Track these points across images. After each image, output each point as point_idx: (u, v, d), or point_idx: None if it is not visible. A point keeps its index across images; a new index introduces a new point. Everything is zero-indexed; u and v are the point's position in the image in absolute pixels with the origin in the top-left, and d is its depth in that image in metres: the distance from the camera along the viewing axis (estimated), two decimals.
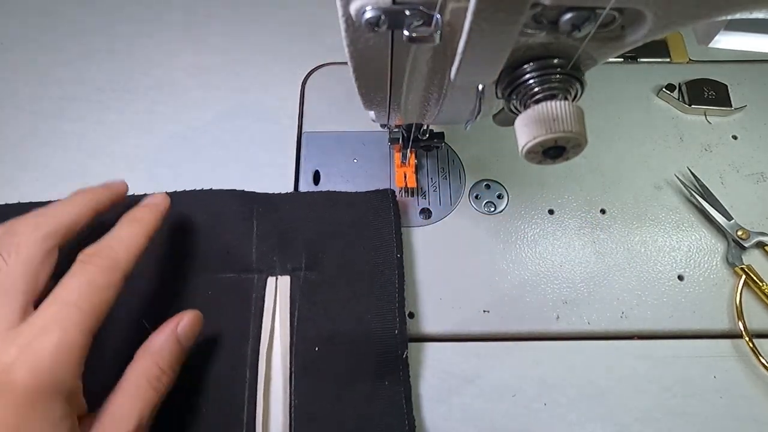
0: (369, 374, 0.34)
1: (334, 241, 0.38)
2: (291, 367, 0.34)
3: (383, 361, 0.34)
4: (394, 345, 0.35)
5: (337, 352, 0.35)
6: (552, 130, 0.21)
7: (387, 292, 0.36)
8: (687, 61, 0.49)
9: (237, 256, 0.37)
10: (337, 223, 0.39)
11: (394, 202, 0.40)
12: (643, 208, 0.42)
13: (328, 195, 0.40)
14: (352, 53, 0.24)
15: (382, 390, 0.34)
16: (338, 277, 0.37)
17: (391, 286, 0.36)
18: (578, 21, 0.20)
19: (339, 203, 0.40)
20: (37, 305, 0.27)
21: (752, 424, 0.35)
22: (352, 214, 0.39)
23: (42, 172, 0.43)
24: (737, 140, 0.45)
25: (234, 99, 0.47)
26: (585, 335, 0.38)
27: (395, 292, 0.36)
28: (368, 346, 0.35)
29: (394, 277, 0.37)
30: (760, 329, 0.37)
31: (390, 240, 0.38)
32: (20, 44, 0.50)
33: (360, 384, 0.34)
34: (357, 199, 0.40)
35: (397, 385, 0.34)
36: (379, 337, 0.35)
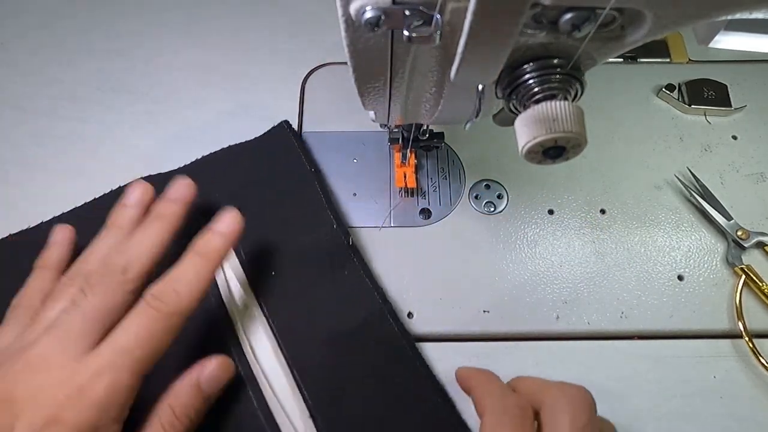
0: (326, 271, 0.38)
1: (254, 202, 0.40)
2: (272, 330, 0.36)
3: (335, 255, 0.38)
4: (339, 238, 0.38)
5: (295, 272, 0.38)
6: (552, 130, 0.21)
7: (313, 203, 0.40)
8: (687, 61, 0.49)
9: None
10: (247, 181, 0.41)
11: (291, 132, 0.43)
12: (643, 208, 0.42)
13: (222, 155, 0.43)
14: (352, 53, 0.24)
15: (342, 278, 0.37)
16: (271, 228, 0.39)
17: (315, 197, 0.40)
18: (578, 21, 0.20)
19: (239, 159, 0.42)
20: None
21: (752, 424, 0.35)
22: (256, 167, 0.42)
23: (42, 172, 0.43)
24: (737, 140, 0.45)
25: (234, 99, 0.47)
26: (585, 335, 0.38)
27: (321, 200, 0.40)
28: (318, 252, 0.38)
29: (316, 193, 0.40)
30: (760, 329, 0.37)
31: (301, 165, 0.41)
32: (20, 44, 0.50)
33: (321, 278, 0.37)
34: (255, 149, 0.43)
35: (355, 270, 0.38)
36: (326, 244, 0.38)
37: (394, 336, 0.35)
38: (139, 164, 0.44)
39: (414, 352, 0.35)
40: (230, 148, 0.43)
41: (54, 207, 0.42)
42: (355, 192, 0.43)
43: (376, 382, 0.34)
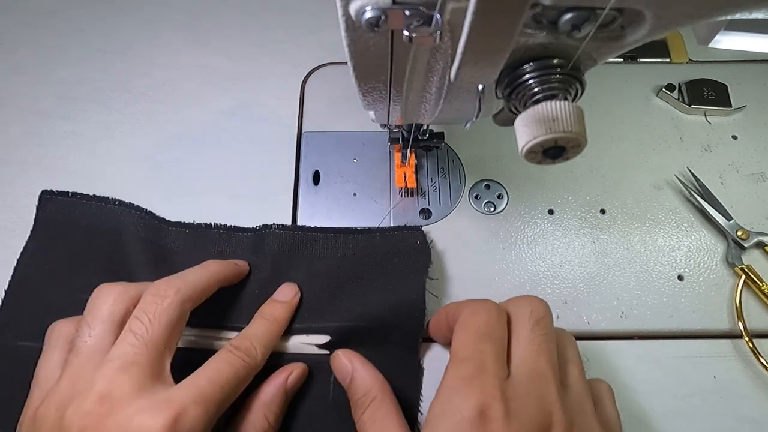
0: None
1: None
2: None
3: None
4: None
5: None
6: (552, 130, 0.21)
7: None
8: (687, 61, 0.49)
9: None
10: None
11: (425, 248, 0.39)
12: (643, 208, 0.42)
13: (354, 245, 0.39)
14: (352, 53, 0.24)
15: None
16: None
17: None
18: (578, 21, 0.20)
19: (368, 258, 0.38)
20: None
21: (752, 424, 0.35)
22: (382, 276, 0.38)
23: (42, 172, 0.43)
24: (737, 140, 0.45)
25: (234, 99, 0.47)
26: (585, 335, 0.38)
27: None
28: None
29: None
30: (760, 329, 0.37)
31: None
32: (20, 44, 0.50)
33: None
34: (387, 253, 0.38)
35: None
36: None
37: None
38: (140, 164, 0.44)
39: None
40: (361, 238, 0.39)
41: None
42: (355, 192, 0.43)
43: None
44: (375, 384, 0.30)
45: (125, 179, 0.43)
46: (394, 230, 0.39)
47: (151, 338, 0.27)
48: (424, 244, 0.38)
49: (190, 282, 0.31)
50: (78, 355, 0.27)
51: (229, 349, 0.30)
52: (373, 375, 0.31)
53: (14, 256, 0.38)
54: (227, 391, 0.27)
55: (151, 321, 0.28)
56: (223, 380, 0.27)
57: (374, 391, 0.30)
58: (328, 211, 0.42)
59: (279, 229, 0.39)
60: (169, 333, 0.28)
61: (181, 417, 0.25)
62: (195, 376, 0.27)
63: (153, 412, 0.25)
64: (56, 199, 0.40)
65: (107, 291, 0.30)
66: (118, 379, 0.26)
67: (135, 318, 0.28)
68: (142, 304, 0.29)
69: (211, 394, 0.27)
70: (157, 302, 0.29)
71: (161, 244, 0.39)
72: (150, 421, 0.24)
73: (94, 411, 0.25)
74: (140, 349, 0.27)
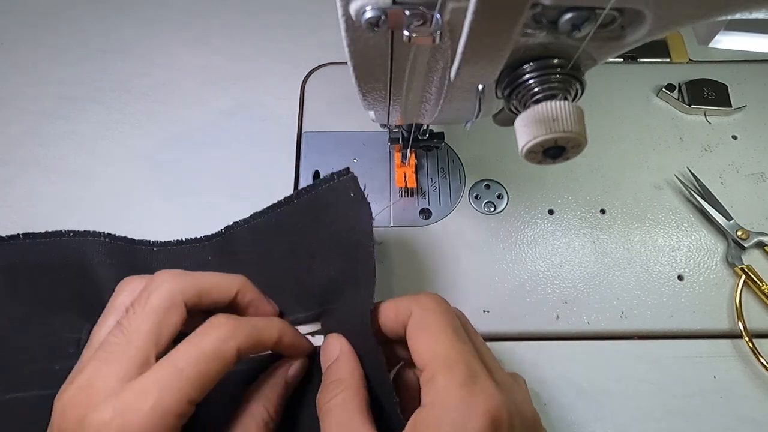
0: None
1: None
2: None
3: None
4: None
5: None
6: (552, 130, 0.21)
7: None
8: (687, 61, 0.49)
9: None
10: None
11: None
12: (643, 208, 0.42)
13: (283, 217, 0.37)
14: (352, 53, 0.24)
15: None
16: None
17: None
18: (578, 21, 0.20)
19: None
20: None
21: (752, 424, 0.35)
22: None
23: (42, 173, 0.43)
24: (737, 140, 0.45)
25: (234, 99, 0.47)
26: (585, 335, 0.38)
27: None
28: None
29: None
30: (760, 329, 0.37)
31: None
32: (20, 44, 0.50)
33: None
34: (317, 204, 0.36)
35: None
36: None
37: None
38: (140, 164, 0.44)
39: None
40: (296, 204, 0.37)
41: (54, 207, 0.42)
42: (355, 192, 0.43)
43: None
44: (352, 375, 0.29)
45: (125, 179, 0.43)
46: (324, 182, 0.36)
47: (132, 329, 0.27)
48: (359, 194, 0.34)
49: (195, 277, 0.30)
50: (89, 344, 0.28)
51: (208, 320, 0.28)
52: (352, 365, 0.29)
53: None
54: (190, 374, 0.26)
55: (135, 311, 0.27)
56: (184, 361, 0.26)
57: (348, 381, 0.28)
58: None
59: (239, 225, 0.38)
60: (153, 323, 0.27)
61: (129, 411, 0.24)
62: (157, 364, 0.26)
63: (105, 407, 0.24)
64: (9, 244, 0.38)
65: (126, 282, 0.30)
66: (97, 370, 0.26)
67: (126, 310, 0.28)
68: (139, 294, 0.28)
69: (167, 380, 0.25)
70: (149, 290, 0.28)
71: (131, 265, 0.38)
72: (99, 417, 0.24)
73: (69, 404, 0.25)
74: (120, 340, 0.26)
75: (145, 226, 0.40)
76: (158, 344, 0.27)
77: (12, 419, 0.30)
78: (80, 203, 0.42)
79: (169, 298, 0.28)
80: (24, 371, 0.32)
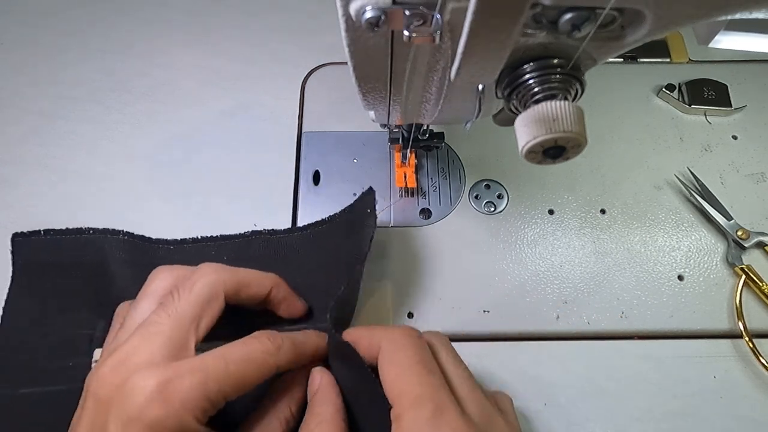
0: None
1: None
2: None
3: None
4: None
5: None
6: (552, 130, 0.21)
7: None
8: (687, 61, 0.49)
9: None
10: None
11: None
12: (643, 208, 0.42)
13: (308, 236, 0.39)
14: (352, 53, 0.24)
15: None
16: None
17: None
18: (578, 21, 0.20)
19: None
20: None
21: (752, 424, 0.35)
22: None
23: (42, 172, 0.43)
24: (737, 140, 0.45)
25: (234, 99, 0.47)
26: (585, 335, 0.38)
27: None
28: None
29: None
30: (760, 329, 0.37)
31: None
32: (20, 44, 0.50)
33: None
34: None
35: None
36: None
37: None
38: (140, 164, 0.44)
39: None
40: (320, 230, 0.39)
41: (54, 207, 0.42)
42: (355, 192, 0.43)
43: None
44: (331, 408, 0.29)
45: (125, 179, 0.43)
46: (359, 201, 0.38)
47: (178, 313, 0.27)
48: (373, 211, 0.37)
49: (235, 271, 0.31)
50: (124, 326, 0.29)
51: (255, 333, 0.29)
52: (332, 399, 0.30)
53: None
54: (232, 371, 0.26)
55: (180, 296, 0.28)
56: (231, 358, 0.27)
57: (325, 413, 0.29)
58: (328, 211, 0.41)
59: (268, 233, 0.39)
60: (197, 310, 0.28)
61: (174, 381, 0.25)
62: (206, 352, 0.27)
63: (149, 373, 0.25)
64: (30, 241, 0.38)
65: (160, 270, 0.31)
66: (138, 346, 0.26)
67: (169, 293, 0.29)
68: (182, 281, 0.29)
69: (214, 368, 0.26)
70: (193, 279, 0.29)
71: (146, 264, 0.37)
72: (143, 382, 0.24)
73: (108, 373, 0.26)
74: (165, 321, 0.27)
75: (145, 226, 0.40)
76: (198, 331, 0.28)
77: (26, 414, 0.30)
78: (80, 203, 0.42)
79: (213, 288, 0.29)
80: (38, 367, 0.33)
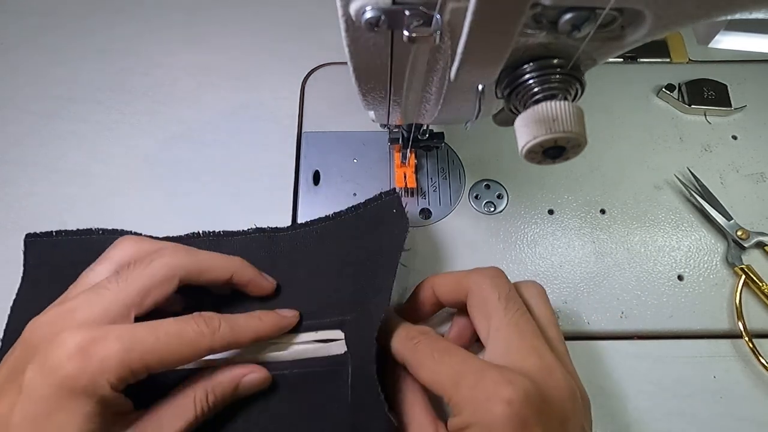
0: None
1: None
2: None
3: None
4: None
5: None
6: (552, 130, 0.21)
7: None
8: (687, 61, 0.49)
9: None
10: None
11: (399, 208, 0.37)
12: (643, 208, 0.42)
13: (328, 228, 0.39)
14: (352, 53, 0.24)
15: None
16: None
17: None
18: (578, 21, 0.20)
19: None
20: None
21: (752, 424, 0.35)
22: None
23: (42, 172, 0.43)
24: (737, 140, 0.45)
25: (234, 99, 0.47)
26: (585, 335, 0.38)
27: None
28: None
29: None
30: (760, 329, 0.37)
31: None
32: (20, 44, 0.50)
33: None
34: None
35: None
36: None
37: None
38: (140, 164, 0.44)
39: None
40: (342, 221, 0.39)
41: (54, 207, 0.42)
42: (355, 192, 0.43)
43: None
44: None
45: (125, 179, 0.43)
46: (372, 201, 0.39)
47: (127, 283, 0.28)
48: (401, 211, 0.37)
49: (195, 255, 0.32)
50: (76, 283, 0.31)
51: (193, 314, 0.29)
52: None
53: (14, 255, 0.38)
54: (161, 344, 0.26)
55: (134, 269, 0.29)
56: (162, 331, 0.27)
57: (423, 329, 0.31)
58: (328, 211, 0.42)
59: (272, 231, 0.39)
60: (147, 285, 0.29)
61: (98, 342, 0.25)
62: (140, 323, 0.27)
63: (78, 331, 0.25)
64: (42, 242, 0.38)
65: (126, 239, 0.32)
66: (80, 305, 0.27)
67: (126, 264, 0.30)
68: (142, 255, 0.30)
69: (141, 337, 0.26)
70: (152, 257, 0.30)
71: None
72: (70, 337, 0.25)
73: (45, 323, 0.27)
74: (113, 288, 0.28)
75: (145, 225, 0.40)
76: (141, 306, 0.29)
77: None
78: (80, 203, 0.42)
79: (168, 270, 0.30)
80: None
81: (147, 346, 0.26)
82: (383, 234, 0.37)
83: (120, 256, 0.31)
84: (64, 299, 0.29)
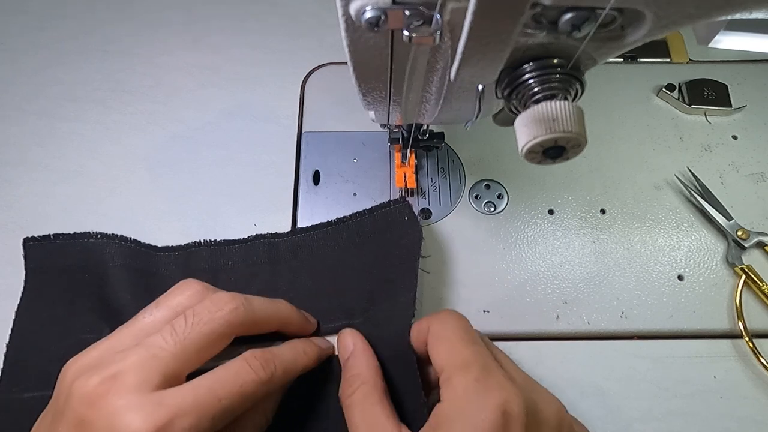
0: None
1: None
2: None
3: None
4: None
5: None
6: (552, 130, 0.21)
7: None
8: (687, 61, 0.49)
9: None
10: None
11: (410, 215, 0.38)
12: (643, 208, 0.42)
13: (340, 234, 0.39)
14: (352, 53, 0.24)
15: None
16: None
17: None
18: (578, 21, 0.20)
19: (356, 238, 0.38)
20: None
21: (752, 424, 0.35)
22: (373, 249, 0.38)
23: (42, 172, 0.43)
24: (737, 140, 0.45)
25: (234, 99, 0.47)
26: (585, 335, 0.38)
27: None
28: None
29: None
30: (760, 329, 0.37)
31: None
32: (20, 44, 0.50)
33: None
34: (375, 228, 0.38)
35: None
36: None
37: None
38: (139, 164, 0.44)
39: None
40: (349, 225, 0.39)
41: (54, 207, 0.42)
42: (355, 192, 0.43)
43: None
44: (368, 369, 0.30)
45: (125, 179, 0.43)
46: (380, 208, 0.39)
47: (185, 342, 0.27)
48: (413, 218, 0.37)
49: (252, 307, 0.30)
50: (131, 325, 0.28)
51: (246, 357, 0.28)
52: (368, 359, 0.30)
53: (14, 255, 0.38)
54: (226, 405, 0.26)
55: (193, 324, 0.27)
56: (224, 392, 0.26)
57: (365, 375, 0.29)
58: (328, 211, 0.42)
59: (272, 237, 0.39)
60: (204, 343, 0.27)
61: (169, 427, 0.24)
62: (197, 381, 0.26)
63: (142, 413, 0.24)
64: (41, 245, 0.38)
65: (188, 284, 0.30)
66: (135, 366, 0.26)
67: (183, 316, 0.28)
68: (198, 306, 0.28)
69: (207, 405, 0.25)
70: (210, 310, 0.28)
71: (152, 272, 0.38)
72: (136, 423, 0.24)
73: (96, 387, 0.25)
74: (170, 347, 0.26)
75: (145, 225, 0.40)
76: (196, 365, 0.27)
77: (30, 418, 0.30)
78: (80, 203, 0.42)
79: (227, 329, 0.28)
80: (44, 371, 0.33)
81: (215, 412, 0.25)
82: (393, 240, 0.37)
83: (178, 302, 0.29)
84: (114, 348, 0.27)
